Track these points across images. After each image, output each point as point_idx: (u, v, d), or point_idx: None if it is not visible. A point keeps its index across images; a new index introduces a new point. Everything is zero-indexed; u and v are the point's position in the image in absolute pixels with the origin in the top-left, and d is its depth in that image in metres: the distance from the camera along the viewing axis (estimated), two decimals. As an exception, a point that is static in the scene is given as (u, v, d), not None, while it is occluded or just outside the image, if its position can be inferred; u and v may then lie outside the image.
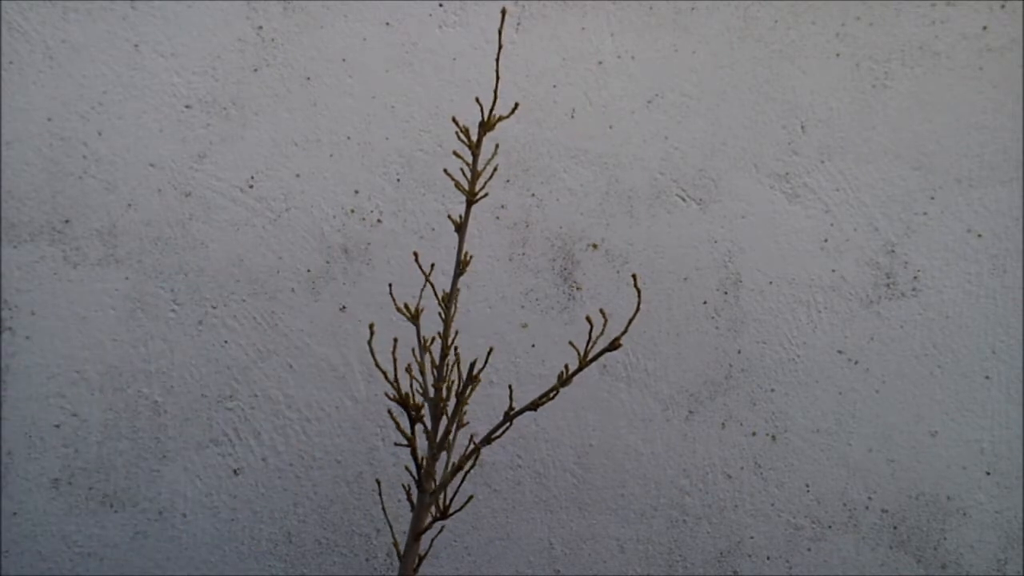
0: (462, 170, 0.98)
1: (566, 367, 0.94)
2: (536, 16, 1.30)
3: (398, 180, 1.30)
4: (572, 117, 1.31)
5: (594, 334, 0.94)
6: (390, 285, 0.94)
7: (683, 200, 1.32)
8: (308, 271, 1.29)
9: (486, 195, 0.98)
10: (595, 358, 0.94)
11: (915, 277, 1.32)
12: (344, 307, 1.30)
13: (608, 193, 1.32)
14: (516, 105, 0.98)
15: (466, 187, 0.96)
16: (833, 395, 1.33)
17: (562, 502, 1.33)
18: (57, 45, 1.25)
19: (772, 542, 1.34)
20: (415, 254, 1.05)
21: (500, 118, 0.96)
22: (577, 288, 1.32)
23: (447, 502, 0.96)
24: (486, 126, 0.95)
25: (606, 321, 0.96)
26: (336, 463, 1.31)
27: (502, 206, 1.31)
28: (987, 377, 1.33)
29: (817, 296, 1.32)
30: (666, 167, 1.32)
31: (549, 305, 1.31)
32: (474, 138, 0.95)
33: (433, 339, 0.98)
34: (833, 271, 1.32)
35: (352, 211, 1.29)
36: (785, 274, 1.32)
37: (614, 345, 0.94)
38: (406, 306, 0.99)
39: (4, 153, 1.24)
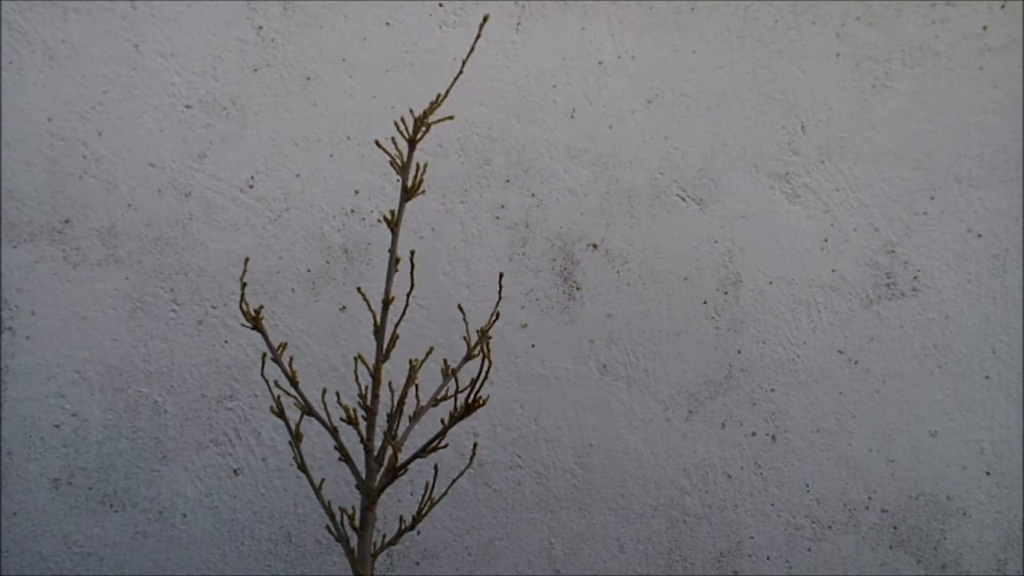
0: (418, 163, 0.97)
1: (445, 361, 0.93)
2: (536, 16, 1.30)
3: (398, 180, 1.29)
4: (572, 117, 1.31)
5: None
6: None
7: (683, 200, 1.32)
8: (308, 271, 1.29)
9: (423, 192, 0.94)
10: (476, 345, 0.93)
11: (915, 277, 1.32)
12: (344, 307, 1.30)
13: (608, 193, 1.32)
14: (457, 112, 0.93)
15: (411, 184, 0.91)
16: (833, 395, 1.33)
17: (562, 502, 1.33)
18: (57, 45, 1.25)
19: (772, 542, 1.34)
20: (412, 252, 1.04)
21: (432, 112, 0.91)
22: (577, 288, 1.32)
23: (420, 511, 0.92)
24: (420, 121, 0.91)
25: (499, 316, 0.96)
26: (336, 463, 1.31)
27: (502, 206, 1.31)
28: (987, 377, 1.33)
29: (817, 296, 1.32)
30: (666, 167, 1.32)
31: (549, 305, 1.31)
32: (410, 133, 0.90)
33: (393, 343, 0.93)
34: (833, 271, 1.32)
35: (352, 211, 1.29)
36: (785, 274, 1.32)
37: (484, 337, 0.93)
38: (245, 310, 0.93)
39: (4, 153, 1.24)
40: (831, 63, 1.31)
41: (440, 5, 1.29)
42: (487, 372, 0.92)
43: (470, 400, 0.92)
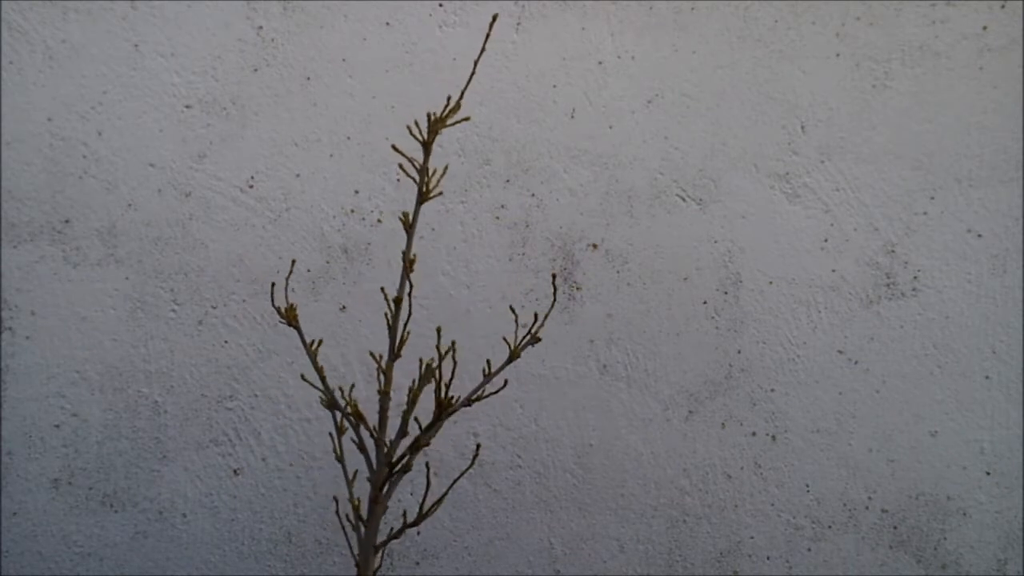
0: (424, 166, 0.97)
1: (488, 363, 0.94)
2: (536, 16, 1.30)
3: (398, 180, 1.30)
4: (572, 117, 1.31)
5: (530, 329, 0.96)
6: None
7: (683, 200, 1.32)
8: (308, 271, 1.29)
9: (440, 194, 0.96)
10: (521, 349, 0.94)
11: (915, 277, 1.32)
12: (344, 307, 1.30)
13: (608, 193, 1.32)
14: (463, 112, 0.93)
15: (425, 186, 0.93)
16: (833, 395, 1.33)
17: (562, 502, 1.33)
18: (57, 45, 1.25)
19: (772, 542, 1.34)
20: (404, 254, 1.03)
21: (453, 116, 0.92)
22: (577, 288, 1.32)
23: (423, 508, 0.94)
24: (439, 123, 0.92)
25: (536, 320, 0.97)
26: (336, 463, 1.31)
27: (502, 206, 1.31)
28: (987, 377, 1.33)
29: (817, 296, 1.32)
30: (666, 167, 1.32)
31: (549, 305, 1.31)
32: (426, 135, 0.91)
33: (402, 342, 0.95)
34: (833, 271, 1.32)
35: (352, 211, 1.29)
36: (785, 274, 1.32)
37: (534, 339, 0.94)
38: (278, 308, 0.96)
39: (4, 153, 1.24)
40: (831, 63, 1.31)
41: (440, 5, 1.29)
42: (453, 372, 0.93)
43: (442, 399, 0.93)
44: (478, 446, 1.16)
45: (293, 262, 1.06)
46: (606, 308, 1.32)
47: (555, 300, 1.06)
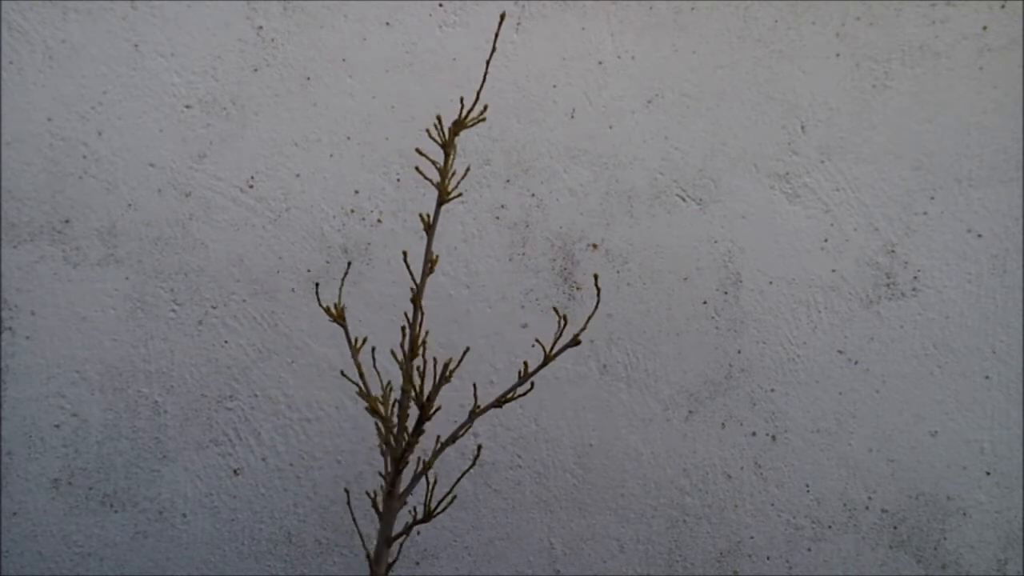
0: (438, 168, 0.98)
1: (525, 364, 0.95)
2: (536, 16, 1.30)
3: (398, 180, 1.30)
4: (572, 117, 1.31)
5: (561, 329, 0.96)
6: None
7: (683, 200, 1.32)
8: (308, 271, 1.29)
9: (459, 195, 0.97)
10: (557, 354, 0.95)
11: (915, 277, 1.32)
12: (344, 307, 1.30)
13: (608, 193, 1.32)
14: (485, 107, 0.95)
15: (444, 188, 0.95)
16: (833, 395, 1.33)
17: (562, 502, 1.33)
18: (57, 45, 1.25)
19: (772, 542, 1.34)
20: (404, 253, 1.04)
21: (471, 117, 0.93)
22: (577, 288, 1.32)
23: (429, 505, 0.95)
24: (459, 125, 0.93)
25: (566, 322, 0.97)
26: (336, 463, 1.31)
27: (502, 206, 1.31)
28: (987, 377, 1.33)
29: (817, 296, 1.32)
30: (666, 167, 1.32)
31: (549, 305, 1.31)
32: (446, 137, 0.94)
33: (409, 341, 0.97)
34: (833, 271, 1.32)
35: (352, 211, 1.29)
36: (785, 274, 1.32)
37: (574, 341, 0.95)
38: (327, 308, 0.98)
39: (4, 153, 1.24)
40: (831, 63, 1.31)
41: (440, 5, 1.29)
42: (440, 374, 0.94)
43: (423, 403, 0.94)
44: (479, 447, 1.16)
45: (349, 264, 1.09)
46: (606, 308, 1.32)
47: (598, 302, 1.06)
